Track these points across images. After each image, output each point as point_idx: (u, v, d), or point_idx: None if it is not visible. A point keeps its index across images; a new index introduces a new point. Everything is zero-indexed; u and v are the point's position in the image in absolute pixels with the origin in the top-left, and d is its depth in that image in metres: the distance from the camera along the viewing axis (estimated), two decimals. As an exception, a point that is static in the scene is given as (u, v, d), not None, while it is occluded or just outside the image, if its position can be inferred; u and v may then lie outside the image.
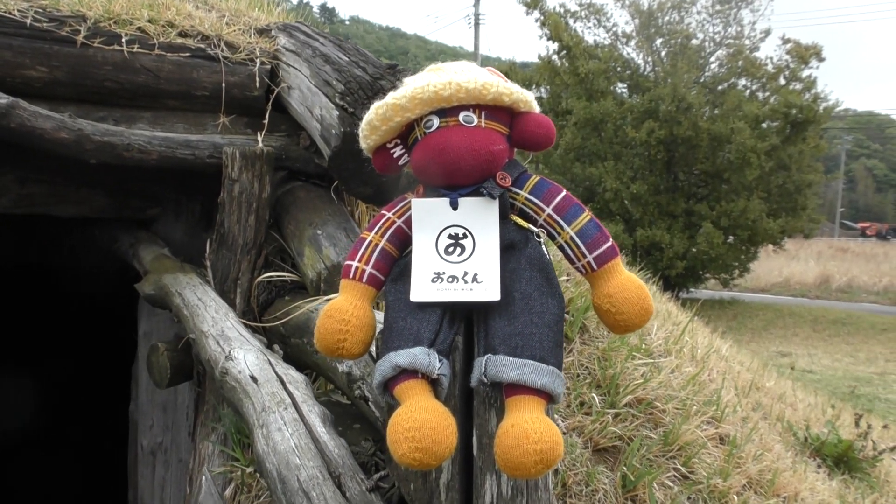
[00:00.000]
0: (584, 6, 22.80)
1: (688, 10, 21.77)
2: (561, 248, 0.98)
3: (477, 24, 38.82)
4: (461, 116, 0.94)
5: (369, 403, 1.27)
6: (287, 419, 1.18)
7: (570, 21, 22.87)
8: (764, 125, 20.11)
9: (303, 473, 1.04)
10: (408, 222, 0.98)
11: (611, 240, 0.97)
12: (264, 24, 2.81)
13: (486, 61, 45.75)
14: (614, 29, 22.53)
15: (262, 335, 2.11)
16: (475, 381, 0.91)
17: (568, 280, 2.84)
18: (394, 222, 1.00)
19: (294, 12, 3.44)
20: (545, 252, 0.98)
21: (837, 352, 15.32)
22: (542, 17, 22.68)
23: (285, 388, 1.30)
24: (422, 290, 0.92)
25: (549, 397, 0.88)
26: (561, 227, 0.96)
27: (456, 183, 0.94)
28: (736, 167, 19.54)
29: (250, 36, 2.61)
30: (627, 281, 0.96)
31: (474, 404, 0.94)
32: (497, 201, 0.94)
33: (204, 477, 1.25)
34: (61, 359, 5.73)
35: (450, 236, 0.93)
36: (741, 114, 19.20)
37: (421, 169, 0.97)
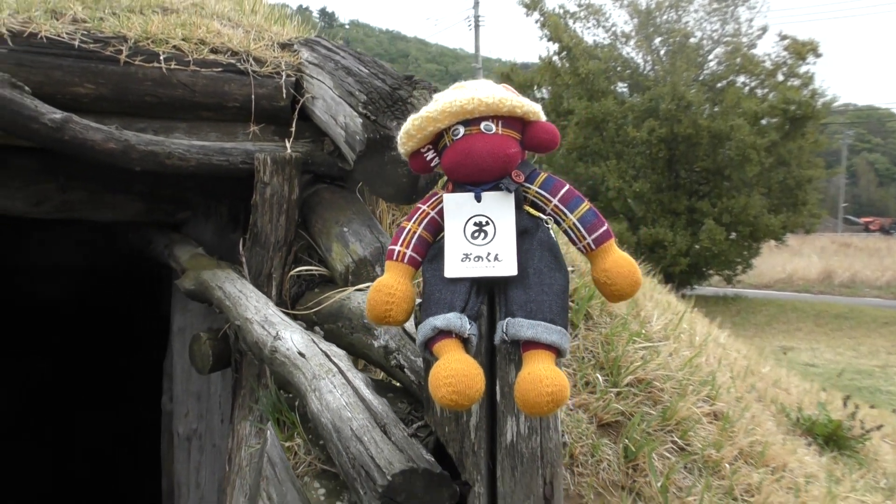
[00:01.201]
0: (583, 7, 23.00)
1: (685, 8, 21.97)
2: (565, 232, 1.19)
3: (477, 27, 39.04)
4: (482, 125, 1.15)
5: (405, 370, 1.49)
6: (336, 383, 1.39)
7: (570, 22, 23.07)
8: (763, 122, 20.30)
9: (354, 423, 1.25)
10: (440, 213, 1.20)
11: (606, 224, 1.18)
12: (286, 38, 3.03)
13: (486, 62, 45.92)
14: (613, 29, 22.74)
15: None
16: (498, 339, 1.13)
17: (573, 271, 3.06)
18: (428, 213, 1.22)
19: (309, 25, 3.66)
20: (553, 235, 1.20)
21: (840, 346, 15.48)
22: (541, 19, 22.89)
23: (330, 360, 1.52)
24: (453, 267, 1.14)
25: (557, 351, 1.10)
26: (565, 215, 1.18)
27: (479, 180, 1.16)
28: (736, 164, 19.73)
29: (275, 50, 2.83)
30: (621, 258, 1.18)
31: (497, 360, 1.15)
32: (513, 195, 1.16)
33: (269, 431, 1.46)
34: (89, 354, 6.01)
35: (475, 224, 1.15)
36: (740, 111, 19.38)
37: (450, 169, 1.18)
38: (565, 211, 1.18)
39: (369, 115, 2.25)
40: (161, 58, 2.55)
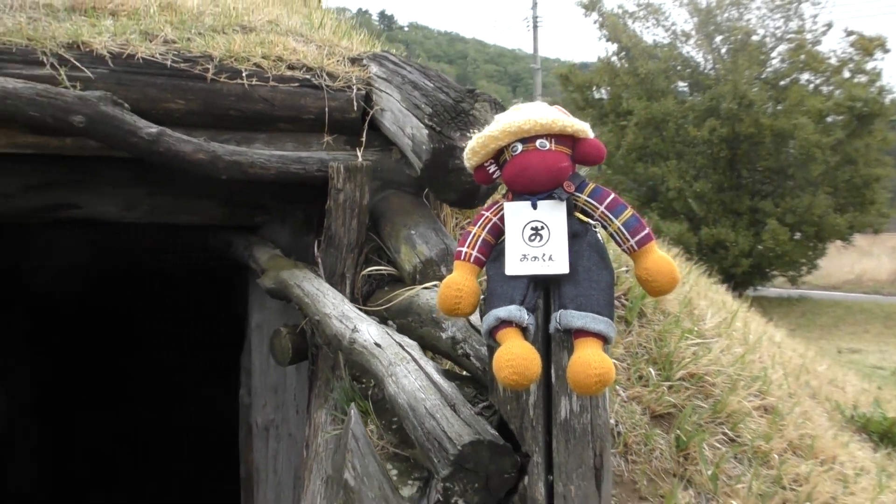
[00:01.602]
0: (642, 6, 22.89)
1: (747, 6, 21.68)
2: (612, 235, 1.36)
3: (535, 28, 39.00)
4: (537, 143, 1.32)
5: (470, 358, 1.67)
6: (410, 370, 1.58)
7: (629, 22, 22.99)
8: (829, 119, 19.93)
9: (427, 403, 1.43)
10: (501, 219, 1.37)
11: (647, 228, 1.34)
12: (355, 53, 3.24)
13: (544, 62, 45.71)
14: (673, 28, 22.58)
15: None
16: (552, 328, 1.29)
17: (627, 272, 3.19)
18: (491, 219, 1.40)
19: (373, 36, 3.87)
20: (600, 238, 1.36)
21: (910, 348, 15.13)
22: (600, 19, 22.87)
23: (404, 350, 1.71)
24: (514, 266, 1.31)
25: (604, 339, 1.26)
26: (611, 220, 1.34)
27: (535, 190, 1.33)
28: (800, 163, 19.43)
29: (346, 65, 3.04)
30: (661, 258, 1.33)
31: (552, 346, 1.32)
32: (565, 203, 1.33)
33: (352, 410, 1.65)
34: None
35: (532, 228, 1.32)
36: (804, 109, 19.08)
37: (510, 181, 1.36)
38: (611, 217, 1.34)
39: (435, 126, 2.43)
40: (244, 74, 2.77)
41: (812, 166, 18.46)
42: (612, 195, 1.36)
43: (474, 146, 1.38)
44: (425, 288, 2.32)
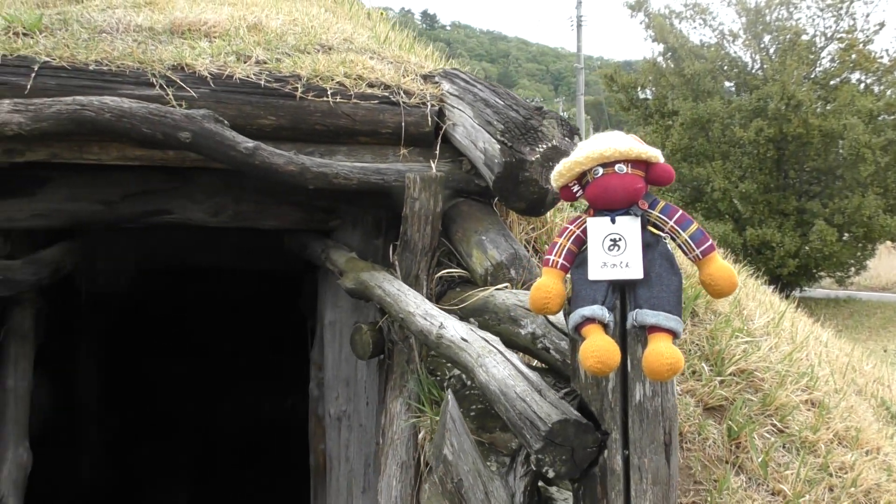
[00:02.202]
0: (689, 6, 22.83)
1: (797, 5, 21.51)
2: (679, 246, 1.58)
3: (579, 26, 38.89)
4: (616, 167, 1.56)
5: (550, 351, 1.90)
6: (497, 360, 1.82)
7: (676, 22, 22.97)
8: (880, 119, 19.73)
9: (517, 388, 1.67)
10: (584, 232, 1.60)
11: (711, 240, 1.56)
12: (426, 70, 3.49)
13: (587, 61, 45.56)
14: (720, 28, 22.49)
15: (443, 317, 2.77)
16: (629, 325, 1.53)
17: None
18: (574, 232, 1.63)
19: (439, 53, 4.12)
20: (669, 248, 1.59)
21: (961, 350, 14.97)
22: (646, 20, 22.88)
23: (489, 343, 1.95)
24: (595, 272, 1.54)
25: (674, 334, 1.49)
26: (679, 233, 1.57)
27: (614, 207, 1.56)
28: (849, 163, 19.25)
29: (419, 82, 3.29)
30: (722, 265, 1.56)
31: (628, 340, 1.55)
32: (639, 218, 1.56)
33: (449, 395, 1.88)
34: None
35: (611, 240, 1.55)
36: (854, 109, 18.91)
37: (592, 200, 1.59)
38: (679, 230, 1.56)
39: (506, 142, 2.67)
40: (329, 93, 3.04)
41: (862, 167, 18.29)
42: (680, 212, 1.58)
43: (561, 170, 1.61)
44: (498, 289, 2.56)
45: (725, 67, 22.19)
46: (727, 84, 22.30)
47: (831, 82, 20.96)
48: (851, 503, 2.56)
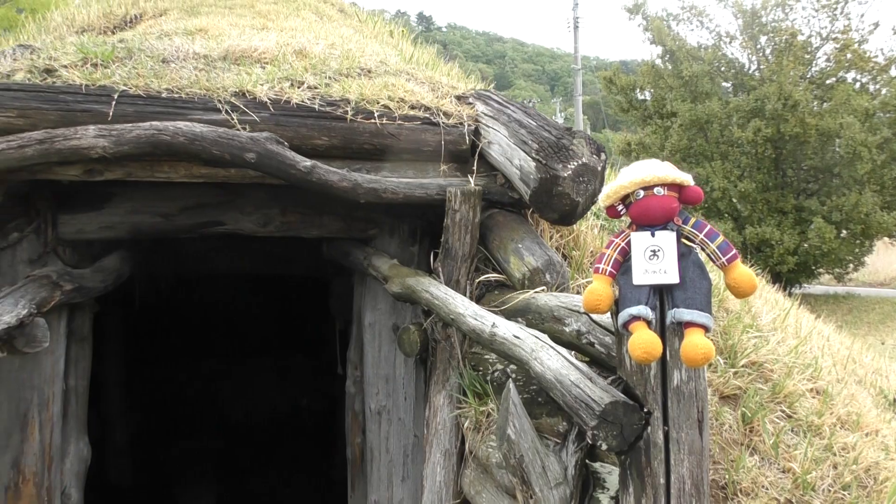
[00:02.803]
0: (686, 9, 23.19)
1: (792, 6, 21.84)
2: (708, 255, 1.90)
3: (576, 28, 39.15)
4: (655, 190, 1.87)
5: (594, 346, 2.22)
6: (550, 354, 2.13)
7: (673, 24, 23.30)
8: (875, 117, 20.07)
9: (571, 377, 1.98)
10: (628, 244, 1.91)
11: (734, 250, 1.88)
12: (459, 91, 3.81)
13: (584, 60, 45.70)
14: (717, 30, 22.83)
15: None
16: (668, 322, 1.84)
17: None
18: (620, 244, 1.94)
19: (471, 76, 4.43)
20: (700, 257, 1.90)
21: (957, 343, 15.29)
22: (644, 23, 23.21)
23: (539, 340, 2.26)
24: (639, 277, 1.86)
25: (706, 328, 1.81)
26: (708, 244, 1.88)
27: (653, 224, 1.88)
28: (846, 161, 19.60)
29: (454, 103, 3.61)
30: (744, 271, 1.87)
31: (667, 335, 1.87)
32: (675, 232, 1.87)
33: (510, 384, 2.19)
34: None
35: (651, 251, 1.87)
36: (850, 108, 19.26)
37: (635, 217, 1.91)
38: (708, 241, 1.88)
39: (541, 160, 2.99)
40: (375, 115, 3.35)
41: (858, 164, 18.65)
42: (709, 226, 1.90)
43: (608, 192, 1.93)
44: (537, 292, 2.87)
45: (723, 68, 22.53)
46: (725, 85, 22.63)
47: (827, 81, 21.28)
48: (853, 479, 2.88)
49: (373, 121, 3.35)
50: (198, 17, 4.81)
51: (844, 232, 19.79)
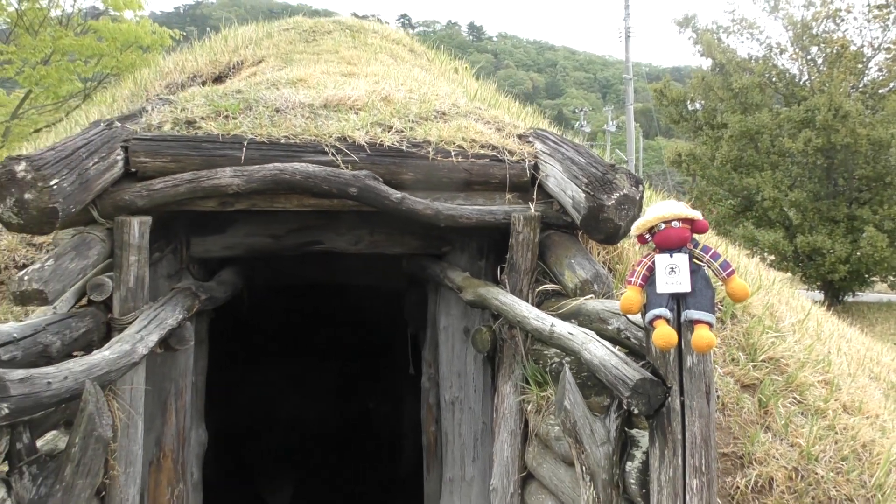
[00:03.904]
0: (736, 21, 23.53)
1: (843, 17, 22.02)
2: (713, 271, 2.57)
3: (628, 38, 39.49)
4: (673, 223, 2.55)
5: (630, 339, 2.90)
6: (597, 345, 2.81)
7: (724, 36, 23.66)
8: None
9: (612, 361, 2.67)
10: (653, 263, 2.59)
11: (732, 267, 2.54)
12: (520, 130, 4.51)
13: (635, 67, 45.82)
14: (767, 41, 23.12)
15: (544, 320, 3.78)
16: (682, 320, 2.51)
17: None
18: (647, 263, 2.62)
19: (531, 112, 5.14)
20: (706, 273, 2.58)
21: None
22: (694, 36, 23.60)
23: (588, 335, 2.95)
24: (661, 287, 2.53)
25: (710, 325, 2.47)
26: (712, 263, 2.55)
27: (672, 248, 2.55)
28: (898, 171, 19.75)
29: (516, 141, 4.31)
30: (739, 282, 2.53)
31: (682, 329, 2.54)
32: (687, 254, 2.55)
33: (566, 368, 2.88)
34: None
35: (670, 268, 2.54)
36: (902, 118, 19.43)
37: (658, 243, 2.58)
38: (712, 261, 2.55)
39: (590, 192, 3.67)
40: (452, 154, 4.08)
41: (911, 174, 18.82)
42: (713, 250, 2.57)
43: (638, 225, 2.62)
44: (586, 299, 3.56)
45: (774, 79, 22.79)
46: (776, 95, 22.90)
47: (879, 91, 21.41)
48: (850, 452, 3.50)
49: (450, 159, 4.08)
50: (293, 66, 5.60)
51: (897, 240, 19.93)
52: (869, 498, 3.36)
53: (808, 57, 22.35)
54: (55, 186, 3.27)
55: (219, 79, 6.07)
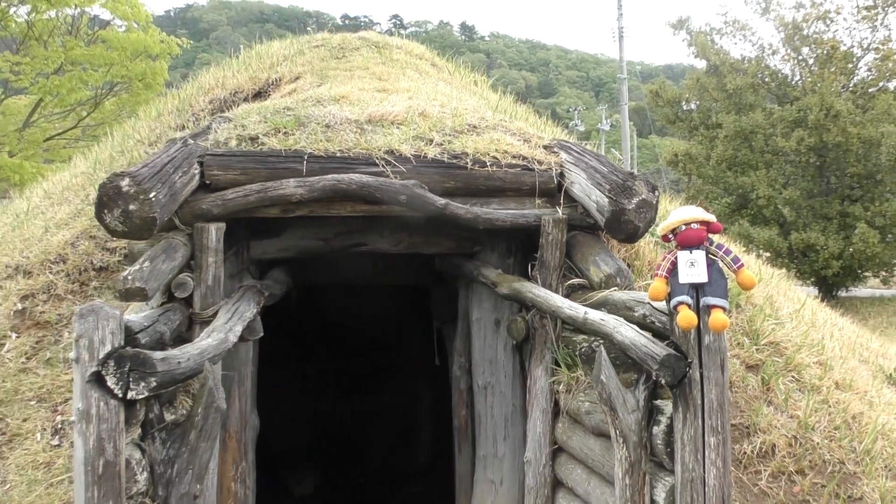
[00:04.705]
0: (729, 23, 24.10)
1: (833, 18, 22.60)
2: (726, 265, 3.09)
3: (621, 38, 39.96)
4: (692, 225, 3.06)
5: (655, 323, 3.42)
6: (627, 328, 3.33)
7: (717, 38, 24.23)
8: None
9: (640, 341, 3.19)
10: (675, 258, 3.11)
11: (742, 261, 3.06)
12: (545, 141, 5.03)
13: (629, 66, 46.26)
14: (760, 42, 23.70)
15: (572, 310, 4.30)
16: (701, 305, 3.03)
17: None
18: (671, 258, 3.14)
19: (551, 123, 5.66)
20: (720, 266, 3.10)
21: None
22: (688, 38, 24.17)
23: (618, 321, 3.47)
24: (683, 278, 3.05)
25: (724, 309, 3.00)
26: (724, 258, 3.07)
27: (691, 246, 3.07)
28: (889, 168, 20.33)
29: (542, 152, 4.83)
30: (747, 273, 3.05)
31: (700, 313, 3.07)
32: (704, 251, 3.07)
33: (601, 348, 3.40)
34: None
35: (690, 262, 3.06)
36: (892, 117, 19.99)
37: (679, 242, 3.10)
38: (725, 256, 3.07)
39: (612, 197, 4.20)
40: (488, 164, 4.60)
41: (900, 171, 19.38)
42: (726, 247, 3.10)
43: (663, 226, 3.14)
44: (612, 291, 4.08)
45: (767, 79, 23.37)
46: (769, 95, 23.47)
47: (869, 91, 21.98)
48: (842, 422, 4.04)
49: (486, 168, 4.60)
50: (329, 82, 6.12)
51: (889, 236, 20.51)
52: (858, 461, 3.89)
53: (800, 57, 22.94)
54: (154, 198, 3.78)
55: (259, 94, 6.57)
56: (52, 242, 5.01)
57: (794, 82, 22.98)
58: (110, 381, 2.72)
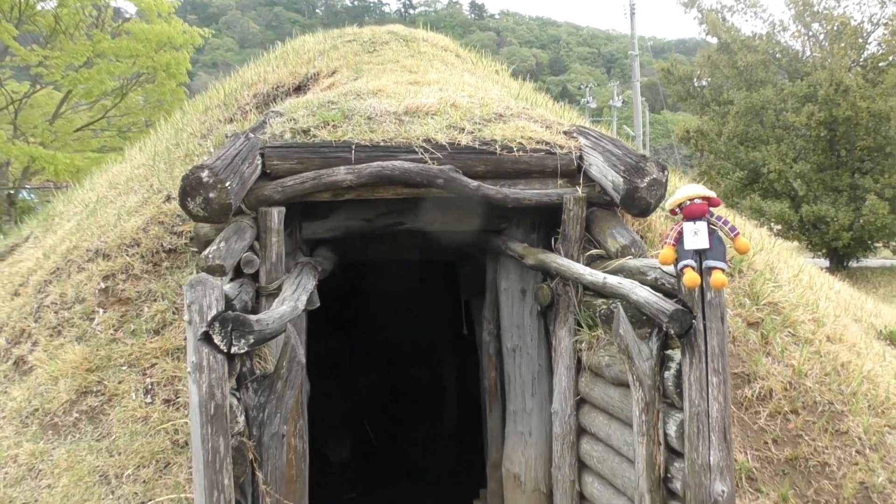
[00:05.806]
0: (739, 0, 24.40)
1: (843, -7, 22.82)
2: (724, 234, 3.65)
3: (633, 14, 40.18)
4: (696, 200, 3.62)
5: (665, 284, 3.98)
6: (641, 289, 3.90)
7: (728, 15, 24.55)
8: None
9: (652, 299, 3.77)
10: (681, 228, 3.68)
11: (737, 230, 3.62)
12: (565, 127, 5.59)
13: (640, 41, 46.39)
14: (770, 19, 24.01)
15: (593, 277, 4.88)
16: (703, 267, 3.60)
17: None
18: (678, 229, 3.70)
19: (569, 107, 6.21)
20: (720, 235, 3.66)
21: None
22: (699, 16, 24.49)
23: (634, 284, 4.04)
24: (688, 245, 3.61)
25: (722, 270, 3.56)
26: (723, 227, 3.63)
27: (695, 218, 3.63)
28: (897, 141, 20.68)
29: (563, 137, 5.39)
30: (743, 240, 3.62)
31: (703, 274, 3.63)
32: (706, 222, 3.63)
33: (619, 307, 3.98)
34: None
35: (694, 231, 3.62)
36: (901, 90, 20.32)
37: (685, 215, 3.66)
38: (723, 226, 3.63)
39: (626, 177, 4.75)
40: (515, 149, 5.16)
41: (910, 143, 19.73)
42: (724, 218, 3.66)
43: (671, 202, 3.70)
44: (628, 259, 4.65)
45: (777, 56, 23.69)
46: (779, 71, 23.80)
47: (879, 65, 22.28)
48: (832, 369, 4.60)
49: (513, 153, 5.16)
50: (364, 76, 6.68)
51: (898, 207, 20.87)
52: (845, 402, 4.46)
53: (810, 34, 23.24)
54: (230, 187, 4.38)
55: (299, 88, 7.14)
56: (125, 228, 5.62)
57: (804, 58, 23.30)
58: (217, 339, 3.33)
